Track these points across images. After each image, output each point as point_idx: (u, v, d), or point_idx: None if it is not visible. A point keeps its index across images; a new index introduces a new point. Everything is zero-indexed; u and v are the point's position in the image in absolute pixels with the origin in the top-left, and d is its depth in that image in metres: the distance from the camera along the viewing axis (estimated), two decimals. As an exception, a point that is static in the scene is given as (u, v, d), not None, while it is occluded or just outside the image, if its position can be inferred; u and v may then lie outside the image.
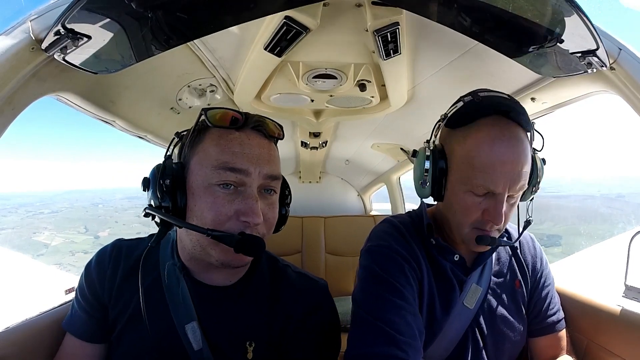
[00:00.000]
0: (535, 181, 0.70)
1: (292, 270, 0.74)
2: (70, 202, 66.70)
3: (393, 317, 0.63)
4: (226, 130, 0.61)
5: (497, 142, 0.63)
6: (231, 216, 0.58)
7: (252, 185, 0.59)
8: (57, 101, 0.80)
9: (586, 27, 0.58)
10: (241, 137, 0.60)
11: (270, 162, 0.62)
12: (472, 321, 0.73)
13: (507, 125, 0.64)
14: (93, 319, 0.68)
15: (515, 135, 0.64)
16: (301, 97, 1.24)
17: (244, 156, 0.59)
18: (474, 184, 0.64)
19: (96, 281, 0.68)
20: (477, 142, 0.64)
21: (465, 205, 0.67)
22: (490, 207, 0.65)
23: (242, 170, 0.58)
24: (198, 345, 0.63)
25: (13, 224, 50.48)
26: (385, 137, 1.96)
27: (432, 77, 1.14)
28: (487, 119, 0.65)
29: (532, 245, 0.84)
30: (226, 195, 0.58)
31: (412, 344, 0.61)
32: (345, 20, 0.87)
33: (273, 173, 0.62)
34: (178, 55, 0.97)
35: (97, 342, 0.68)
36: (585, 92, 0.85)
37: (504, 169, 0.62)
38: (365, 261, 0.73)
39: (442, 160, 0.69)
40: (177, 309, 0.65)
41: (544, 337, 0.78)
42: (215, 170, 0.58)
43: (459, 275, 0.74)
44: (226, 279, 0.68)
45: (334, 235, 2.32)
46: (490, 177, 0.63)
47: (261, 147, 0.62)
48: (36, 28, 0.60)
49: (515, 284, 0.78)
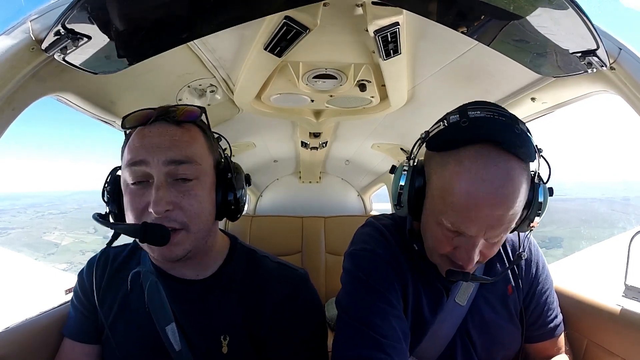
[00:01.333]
0: (534, 214, 0.60)
1: (271, 261, 0.74)
2: (79, 203, 67.14)
3: (377, 320, 0.62)
4: (138, 129, 0.63)
5: (477, 181, 0.52)
6: (143, 210, 0.59)
7: (156, 174, 0.59)
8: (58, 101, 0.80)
9: (586, 27, 0.58)
10: (144, 131, 0.62)
11: (172, 147, 0.60)
12: (462, 323, 0.72)
13: (496, 158, 0.53)
14: (88, 320, 0.70)
15: (503, 173, 0.53)
16: (301, 97, 1.24)
17: (142, 148, 0.60)
18: (447, 218, 0.57)
19: (87, 287, 0.71)
20: (454, 176, 0.54)
21: (436, 236, 0.61)
22: (461, 246, 0.58)
23: (142, 162, 0.59)
24: (178, 346, 0.64)
25: (23, 224, 50.93)
26: (385, 137, 1.96)
27: (432, 77, 1.14)
28: (471, 148, 0.54)
29: (527, 249, 0.79)
30: (137, 190, 0.60)
31: (396, 347, 0.61)
32: (345, 20, 0.87)
33: (176, 157, 0.60)
34: (178, 55, 0.96)
35: (92, 342, 0.70)
36: (585, 92, 0.85)
37: (480, 213, 0.53)
38: (349, 265, 0.72)
39: (420, 178, 0.62)
40: (156, 311, 0.66)
41: (542, 342, 0.77)
42: (127, 169, 0.61)
43: (443, 281, 0.72)
44: (194, 273, 0.69)
45: (334, 235, 2.32)
46: (461, 220, 0.55)
47: (162, 135, 0.61)
48: (36, 28, 0.60)
49: (508, 289, 0.76)
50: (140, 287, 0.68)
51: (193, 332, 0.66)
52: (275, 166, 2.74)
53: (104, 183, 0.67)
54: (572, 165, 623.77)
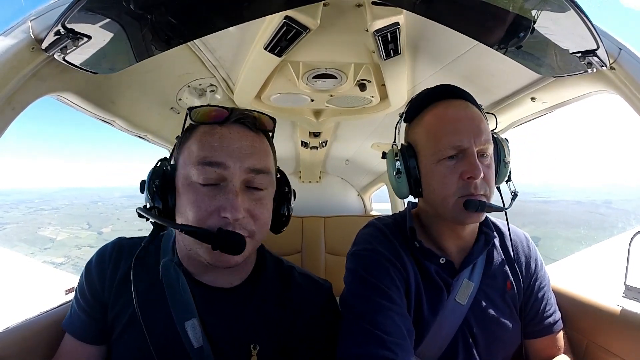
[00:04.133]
0: (503, 158, 0.75)
1: (298, 272, 0.74)
2: (70, 200, 67.25)
3: (380, 318, 0.64)
4: (210, 126, 0.60)
5: (450, 108, 0.71)
6: (212, 212, 0.56)
7: (233, 179, 0.57)
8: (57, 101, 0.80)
9: (586, 27, 0.58)
10: (222, 132, 0.60)
11: (253, 155, 0.59)
12: (463, 321, 0.73)
13: (455, 101, 0.72)
14: (93, 320, 0.67)
15: (464, 104, 0.71)
16: (301, 97, 1.24)
17: (222, 149, 0.58)
18: (441, 147, 0.68)
19: (96, 280, 0.67)
20: (434, 114, 0.72)
21: (441, 174, 0.69)
22: (465, 164, 0.67)
23: (220, 164, 0.57)
24: (198, 342, 0.62)
25: (17, 219, 51.26)
26: (385, 137, 1.96)
27: (432, 77, 1.14)
28: (437, 102, 0.72)
29: (526, 245, 0.83)
30: (207, 191, 0.57)
31: (400, 344, 0.62)
32: (345, 20, 0.87)
33: (256, 166, 0.59)
34: (178, 55, 0.97)
35: (96, 343, 0.67)
36: (585, 91, 0.85)
37: (462, 124, 0.68)
38: (352, 265, 0.74)
39: (410, 149, 0.74)
40: (176, 305, 0.64)
41: (541, 339, 0.78)
42: (196, 166, 0.57)
43: (445, 277, 0.74)
44: (227, 281, 0.67)
45: (334, 235, 2.32)
46: (453, 134, 0.67)
47: (243, 140, 0.60)
48: (36, 28, 0.60)
49: (507, 285, 0.77)
50: (162, 280, 0.65)
51: (219, 333, 0.64)
52: (275, 166, 2.74)
53: (150, 174, 0.60)
54: (562, 168, 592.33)
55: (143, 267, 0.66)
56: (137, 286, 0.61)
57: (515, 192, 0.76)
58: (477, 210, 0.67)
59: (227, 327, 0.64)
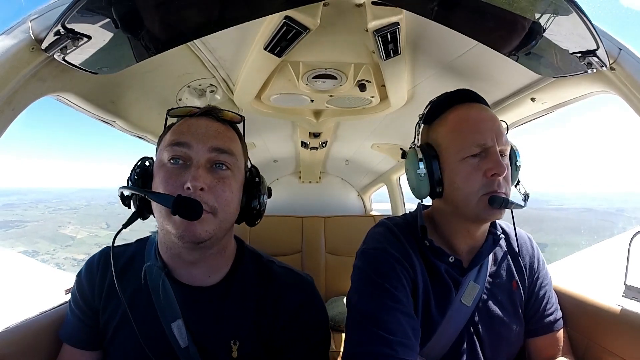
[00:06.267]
0: (515, 162, 0.77)
1: (277, 266, 0.75)
2: (87, 200, 67.75)
3: (385, 317, 0.64)
4: (183, 119, 0.68)
5: (472, 111, 0.73)
6: (177, 187, 0.60)
7: (197, 156, 0.62)
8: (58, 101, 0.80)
9: (586, 27, 0.58)
10: (191, 121, 0.67)
11: (217, 137, 0.65)
12: (469, 320, 0.74)
13: (475, 104, 0.75)
14: (87, 327, 0.69)
15: (484, 107, 0.74)
16: (301, 97, 1.24)
17: (189, 133, 0.64)
18: (466, 145, 0.70)
19: (87, 289, 0.70)
20: (457, 114, 0.73)
21: (466, 172, 0.70)
22: (489, 162, 0.68)
23: (185, 144, 0.62)
24: (184, 342, 0.65)
25: (37, 218, 51.90)
26: (385, 137, 1.96)
27: (432, 77, 1.14)
28: (457, 105, 0.75)
29: (530, 246, 0.84)
30: (175, 169, 0.62)
31: (404, 343, 0.62)
32: (345, 20, 0.87)
33: (219, 146, 0.64)
34: (178, 55, 0.96)
35: (92, 349, 0.70)
36: (585, 92, 0.85)
37: (485, 125, 0.70)
38: (359, 263, 0.75)
39: (432, 150, 0.75)
40: (162, 308, 0.66)
41: (542, 337, 0.78)
42: (166, 148, 0.63)
43: (454, 276, 0.75)
44: (205, 277, 0.69)
45: (334, 235, 2.32)
46: (477, 133, 0.70)
47: (209, 127, 0.66)
48: (36, 28, 0.60)
49: (513, 285, 0.78)
50: (147, 284, 0.68)
51: (202, 332, 0.66)
52: (275, 166, 2.74)
53: (133, 167, 0.67)
54: (577, 176, 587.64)
55: (129, 273, 0.70)
56: (125, 290, 0.66)
57: (527, 193, 0.78)
58: (501, 206, 0.68)
59: (208, 325, 0.66)
